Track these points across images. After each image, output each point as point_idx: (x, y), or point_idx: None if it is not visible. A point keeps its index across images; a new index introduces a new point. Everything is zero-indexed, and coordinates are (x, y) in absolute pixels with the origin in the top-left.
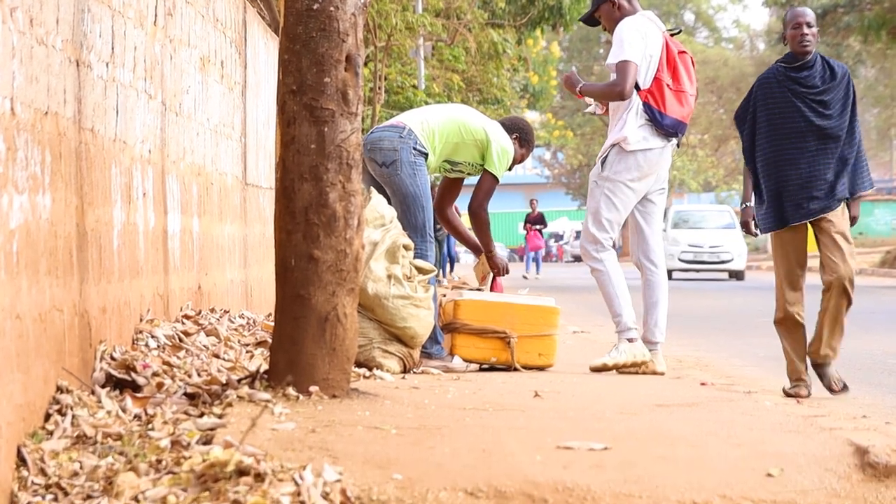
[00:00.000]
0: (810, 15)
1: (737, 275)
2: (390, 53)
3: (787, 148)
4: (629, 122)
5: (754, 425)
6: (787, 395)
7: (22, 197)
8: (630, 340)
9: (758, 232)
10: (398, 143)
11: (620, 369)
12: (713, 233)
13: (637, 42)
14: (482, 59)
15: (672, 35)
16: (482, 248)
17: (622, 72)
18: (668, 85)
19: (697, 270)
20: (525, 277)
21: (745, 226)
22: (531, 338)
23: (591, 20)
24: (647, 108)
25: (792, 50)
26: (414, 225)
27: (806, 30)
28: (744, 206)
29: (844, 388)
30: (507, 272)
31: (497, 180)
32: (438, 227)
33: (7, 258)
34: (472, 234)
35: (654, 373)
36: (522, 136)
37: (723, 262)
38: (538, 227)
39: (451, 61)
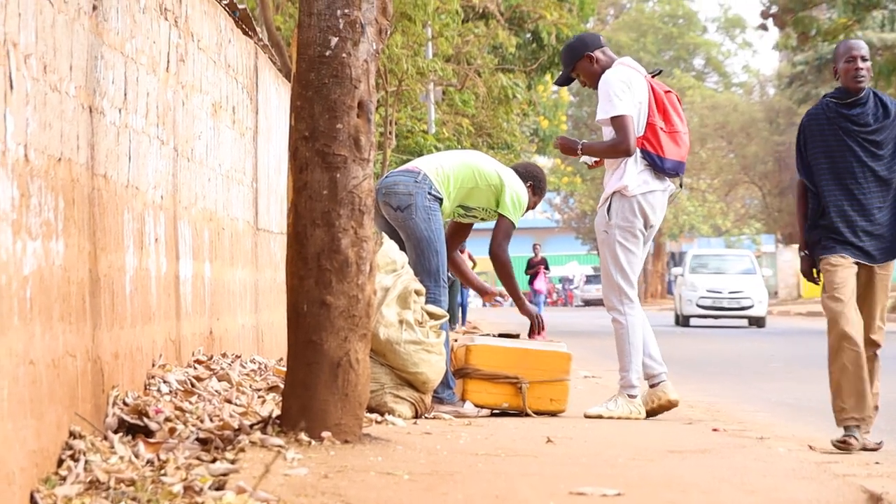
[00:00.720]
0: (864, 48)
1: (758, 321)
2: (401, 98)
3: (845, 188)
4: (629, 170)
5: (767, 472)
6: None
7: (35, 243)
8: (630, 397)
9: (819, 279)
10: (413, 187)
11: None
12: (733, 278)
13: (625, 93)
14: (492, 103)
15: (653, 76)
16: (486, 290)
17: (621, 128)
18: (661, 128)
19: (716, 317)
20: None
21: (806, 275)
22: (543, 383)
23: (566, 80)
24: (645, 154)
25: (844, 85)
26: (428, 269)
27: (860, 63)
28: (802, 254)
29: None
30: (542, 321)
31: (514, 224)
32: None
33: (20, 304)
34: (476, 277)
35: (669, 401)
36: (536, 183)
37: (743, 308)
38: (544, 270)
39: (461, 106)
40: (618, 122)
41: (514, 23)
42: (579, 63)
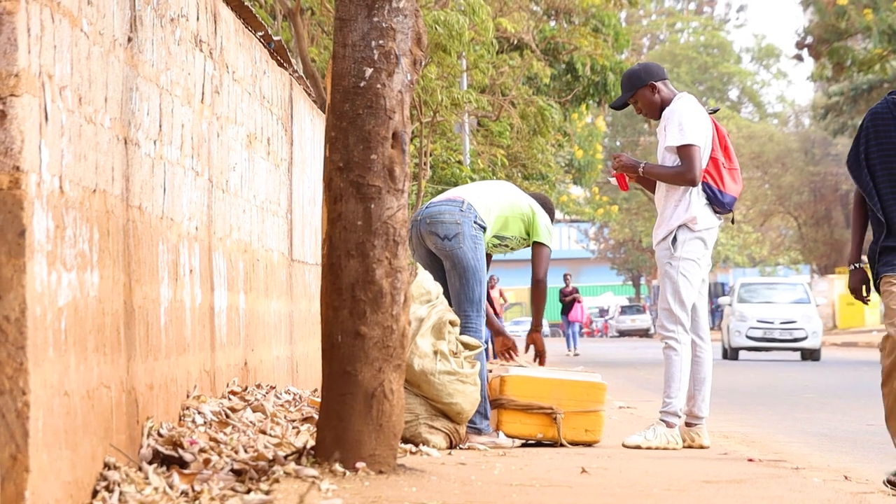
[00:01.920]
0: None
1: (811, 354)
2: (436, 129)
3: None
4: (694, 203)
5: (803, 502)
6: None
7: (70, 274)
8: (669, 426)
9: (871, 298)
10: (459, 216)
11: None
12: (785, 307)
13: (696, 124)
14: (528, 133)
15: (710, 115)
16: (505, 334)
17: (689, 157)
18: (723, 164)
19: (767, 349)
20: (569, 354)
21: (855, 292)
22: (578, 413)
23: (622, 105)
24: (706, 187)
25: None
26: (471, 299)
27: None
28: (852, 267)
29: None
30: (543, 354)
31: (550, 249)
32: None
33: (55, 336)
34: (496, 320)
35: (701, 446)
36: (551, 216)
37: (796, 339)
38: (576, 297)
39: (496, 137)
40: (687, 150)
41: (549, 53)
42: (640, 91)
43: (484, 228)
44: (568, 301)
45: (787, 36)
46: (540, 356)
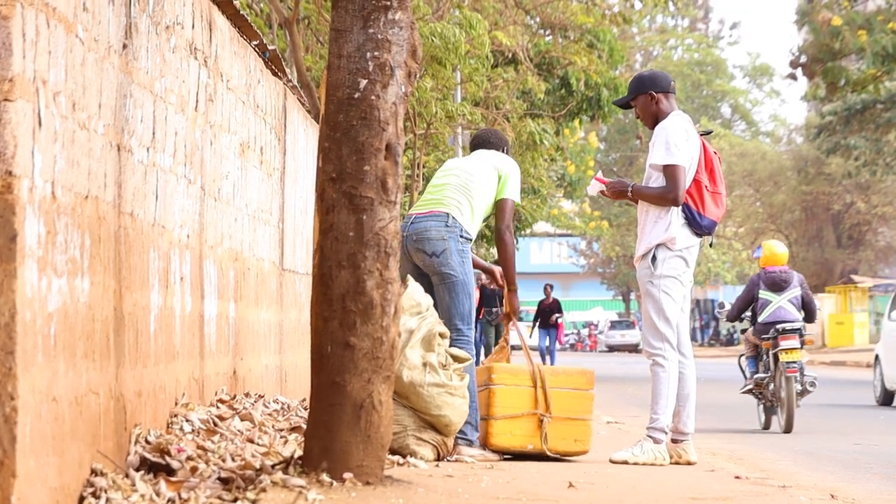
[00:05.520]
0: None
1: None
2: (429, 141)
3: None
4: (674, 223)
5: None
6: None
7: (61, 280)
8: (656, 441)
9: None
10: (445, 232)
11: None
12: None
13: (683, 144)
14: (520, 148)
15: (702, 136)
16: (494, 272)
17: (673, 177)
18: (706, 186)
19: None
20: None
21: None
22: (567, 421)
23: (625, 105)
24: (686, 208)
25: None
26: (461, 312)
27: None
28: None
29: None
30: (519, 315)
31: (516, 201)
32: (495, 309)
33: (45, 341)
34: (483, 262)
35: (688, 463)
36: (507, 147)
37: None
38: (557, 316)
39: None
40: (671, 170)
41: (544, 68)
42: (641, 96)
43: (470, 239)
44: (546, 312)
45: (781, 54)
46: (512, 314)
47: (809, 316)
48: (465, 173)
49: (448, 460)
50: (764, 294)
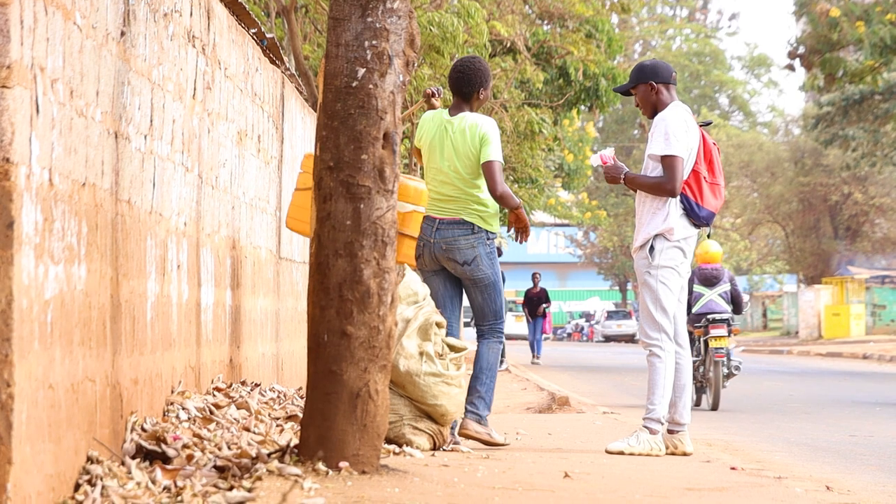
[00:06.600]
0: None
1: None
2: None
3: None
4: (672, 213)
5: None
6: None
7: (57, 267)
8: (652, 432)
9: None
10: (474, 239)
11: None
12: None
13: (682, 136)
14: (518, 138)
15: (701, 127)
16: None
17: (671, 168)
18: (704, 177)
19: None
20: (535, 362)
21: None
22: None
23: (626, 92)
24: (683, 199)
25: None
26: (494, 310)
27: None
28: None
29: None
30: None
31: (500, 162)
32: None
33: (41, 328)
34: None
35: (684, 453)
36: (487, 83)
37: None
38: (544, 305)
39: None
40: (669, 161)
41: (542, 58)
42: (641, 85)
43: (495, 235)
44: (534, 302)
45: (779, 45)
46: (524, 232)
47: (737, 308)
48: (459, 179)
49: (444, 450)
50: (697, 288)
